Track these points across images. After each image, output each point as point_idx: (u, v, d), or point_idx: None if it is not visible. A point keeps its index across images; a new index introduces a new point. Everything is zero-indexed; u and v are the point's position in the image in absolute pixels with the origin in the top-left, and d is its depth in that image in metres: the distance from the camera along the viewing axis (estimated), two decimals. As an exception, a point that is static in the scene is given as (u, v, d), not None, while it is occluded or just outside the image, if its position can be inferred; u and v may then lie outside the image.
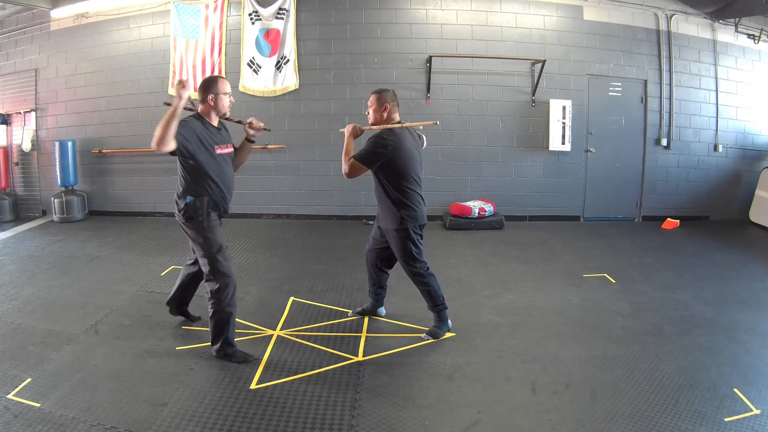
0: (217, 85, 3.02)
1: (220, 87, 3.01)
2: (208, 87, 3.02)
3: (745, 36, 6.88)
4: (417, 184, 3.33)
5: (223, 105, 3.05)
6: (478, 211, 6.44)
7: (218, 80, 3.05)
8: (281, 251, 5.46)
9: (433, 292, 3.40)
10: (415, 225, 3.31)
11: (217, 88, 3.00)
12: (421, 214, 3.34)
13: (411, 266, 3.36)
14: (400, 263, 3.43)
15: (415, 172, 3.31)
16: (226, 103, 3.06)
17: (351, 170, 3.22)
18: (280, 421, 2.50)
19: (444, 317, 3.44)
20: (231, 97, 3.11)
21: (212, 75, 3.14)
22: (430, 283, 3.39)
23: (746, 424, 2.49)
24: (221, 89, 3.01)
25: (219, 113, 3.07)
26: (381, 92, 3.34)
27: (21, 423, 2.44)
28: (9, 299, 4.02)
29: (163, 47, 6.76)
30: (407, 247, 3.32)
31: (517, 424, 2.51)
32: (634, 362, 3.10)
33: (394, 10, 6.63)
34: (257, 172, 6.89)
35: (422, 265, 3.38)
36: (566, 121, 6.70)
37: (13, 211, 6.99)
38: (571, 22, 6.69)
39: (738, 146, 7.11)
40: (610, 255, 5.38)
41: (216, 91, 3.00)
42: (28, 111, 7.09)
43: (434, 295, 3.40)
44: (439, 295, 3.42)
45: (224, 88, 3.03)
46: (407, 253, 3.34)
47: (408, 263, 3.36)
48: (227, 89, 3.05)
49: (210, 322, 3.08)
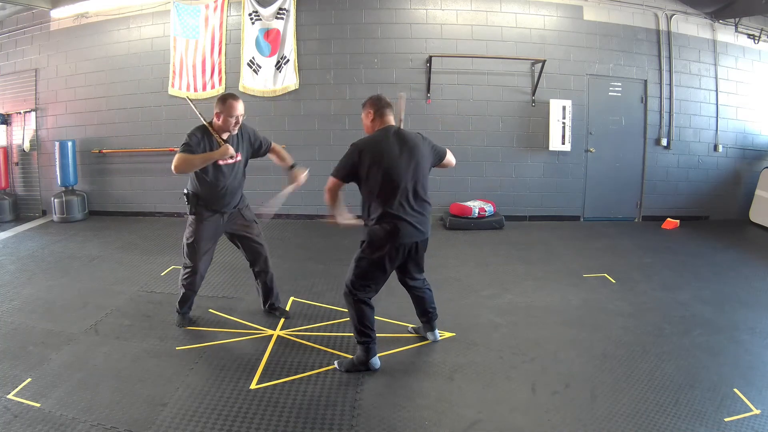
0: (228, 105, 3.15)
1: (229, 108, 3.15)
2: (218, 104, 3.19)
3: (745, 36, 6.88)
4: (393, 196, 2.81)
5: (226, 125, 3.20)
6: (478, 211, 6.44)
7: (228, 102, 3.16)
8: (281, 251, 5.46)
9: (352, 320, 2.98)
10: (372, 245, 2.87)
11: (227, 109, 3.15)
12: (379, 238, 2.83)
13: (346, 285, 2.96)
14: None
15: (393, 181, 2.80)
16: (231, 124, 3.20)
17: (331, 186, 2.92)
18: (280, 421, 2.50)
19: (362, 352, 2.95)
20: (239, 118, 3.20)
21: (228, 93, 3.25)
22: (355, 309, 2.95)
23: (746, 424, 2.49)
24: (230, 112, 3.15)
25: (223, 131, 3.24)
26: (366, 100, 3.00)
27: (21, 423, 2.44)
28: (9, 299, 4.02)
29: (163, 47, 6.77)
30: (353, 263, 2.95)
31: (517, 424, 2.51)
32: (634, 362, 3.10)
33: (394, 10, 6.63)
34: (257, 172, 6.84)
35: (358, 292, 2.92)
36: (566, 121, 6.70)
37: (13, 211, 7.00)
38: (571, 22, 6.69)
39: (738, 146, 7.12)
40: (610, 255, 5.38)
41: (227, 111, 3.16)
42: (28, 111, 7.09)
43: (353, 322, 2.98)
44: (358, 328, 2.94)
45: (233, 111, 3.16)
46: (352, 269, 2.95)
47: (347, 280, 2.97)
48: (233, 113, 3.16)
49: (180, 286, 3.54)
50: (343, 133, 6.75)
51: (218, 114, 3.19)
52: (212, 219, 3.37)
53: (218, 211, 3.38)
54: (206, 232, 3.38)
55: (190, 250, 3.39)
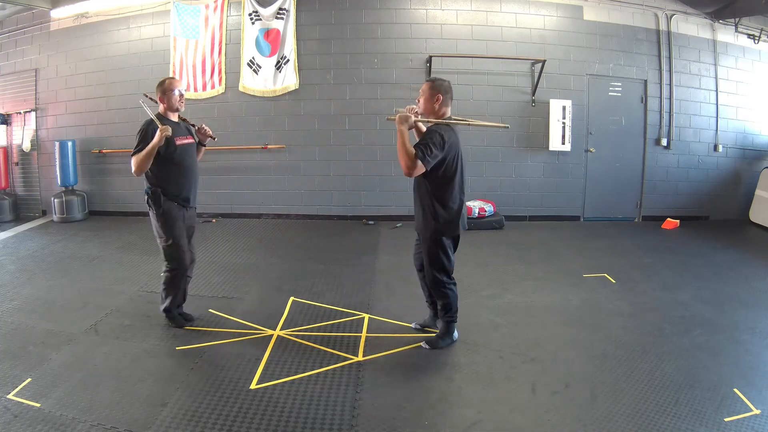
0: (164, 84, 3.36)
1: (167, 85, 3.34)
2: (159, 88, 3.37)
3: (745, 36, 6.88)
4: (461, 191, 3.11)
5: (173, 101, 3.35)
6: (479, 211, 6.44)
7: (167, 80, 3.39)
8: (281, 251, 5.46)
9: (447, 303, 3.24)
10: (449, 234, 3.12)
11: (164, 87, 3.35)
12: (458, 224, 3.13)
13: (436, 274, 3.18)
14: (425, 267, 3.25)
15: (461, 177, 3.11)
16: (175, 99, 3.36)
17: (416, 169, 2.91)
18: (280, 421, 2.50)
19: (450, 329, 3.31)
20: (180, 92, 3.37)
21: (166, 77, 3.36)
22: (450, 294, 3.22)
23: (746, 424, 2.49)
24: (168, 87, 3.34)
25: (172, 109, 3.38)
26: (435, 81, 3.13)
27: (21, 423, 2.44)
28: (9, 299, 4.02)
29: (163, 47, 6.77)
30: (437, 256, 3.14)
31: (517, 424, 2.51)
32: (634, 362, 3.10)
33: (394, 10, 6.63)
34: (257, 172, 6.90)
35: (448, 278, 3.20)
36: (566, 121, 6.70)
37: (13, 211, 7.00)
38: (571, 22, 6.69)
39: (738, 146, 7.12)
40: (610, 255, 5.38)
41: (164, 90, 3.34)
42: (28, 111, 7.09)
43: (449, 306, 3.25)
44: (453, 308, 3.25)
45: (171, 86, 3.34)
46: (435, 261, 3.16)
47: (434, 271, 3.18)
48: (174, 87, 3.35)
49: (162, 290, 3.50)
50: (343, 133, 6.76)
51: (161, 98, 3.34)
52: (180, 214, 3.39)
53: (184, 204, 3.41)
54: (179, 229, 3.39)
55: (173, 250, 3.37)
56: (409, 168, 2.90)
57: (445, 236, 3.13)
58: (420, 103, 3.16)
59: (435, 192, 3.07)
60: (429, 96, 3.10)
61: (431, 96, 3.09)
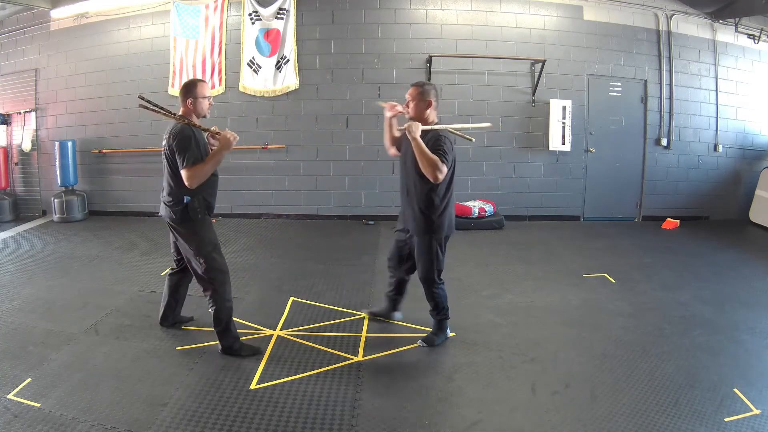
0: (197, 89, 3.05)
1: (199, 91, 3.04)
2: (188, 91, 3.06)
3: (745, 36, 6.88)
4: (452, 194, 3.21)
5: (202, 108, 3.08)
6: (478, 211, 6.44)
7: (197, 84, 3.08)
8: (281, 251, 5.46)
9: (439, 303, 3.30)
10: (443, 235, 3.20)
11: (196, 92, 3.04)
12: (451, 224, 3.23)
13: (431, 275, 3.23)
14: (417, 268, 3.30)
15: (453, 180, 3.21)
16: (205, 106, 3.10)
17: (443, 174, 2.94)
18: (280, 421, 2.50)
19: (443, 326, 3.37)
20: (210, 99, 3.13)
21: (193, 78, 3.15)
22: (441, 294, 3.30)
23: (746, 424, 2.49)
24: (200, 93, 3.04)
25: (198, 116, 3.10)
26: (425, 85, 3.12)
27: (21, 423, 2.44)
28: (9, 299, 4.02)
29: (163, 47, 6.77)
30: (437, 256, 3.20)
31: (517, 424, 2.51)
32: (634, 362, 3.10)
33: (394, 10, 6.63)
34: (257, 172, 6.90)
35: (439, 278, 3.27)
36: (566, 121, 6.70)
37: (13, 211, 6.99)
38: (571, 22, 6.69)
39: (738, 146, 7.12)
40: (610, 255, 5.38)
41: (195, 95, 3.03)
42: (28, 111, 7.09)
43: (441, 306, 3.31)
44: (444, 307, 3.32)
45: (203, 91, 3.06)
46: (434, 261, 3.21)
47: (430, 271, 3.23)
48: (206, 93, 3.08)
49: (214, 320, 3.13)
50: (343, 133, 6.76)
51: (191, 101, 3.02)
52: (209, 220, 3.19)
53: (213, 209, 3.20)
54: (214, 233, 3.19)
55: (218, 255, 3.13)
56: (438, 173, 2.93)
57: (444, 237, 3.21)
58: (410, 108, 3.13)
59: (437, 194, 3.11)
60: (420, 101, 3.09)
61: (422, 100, 3.09)
